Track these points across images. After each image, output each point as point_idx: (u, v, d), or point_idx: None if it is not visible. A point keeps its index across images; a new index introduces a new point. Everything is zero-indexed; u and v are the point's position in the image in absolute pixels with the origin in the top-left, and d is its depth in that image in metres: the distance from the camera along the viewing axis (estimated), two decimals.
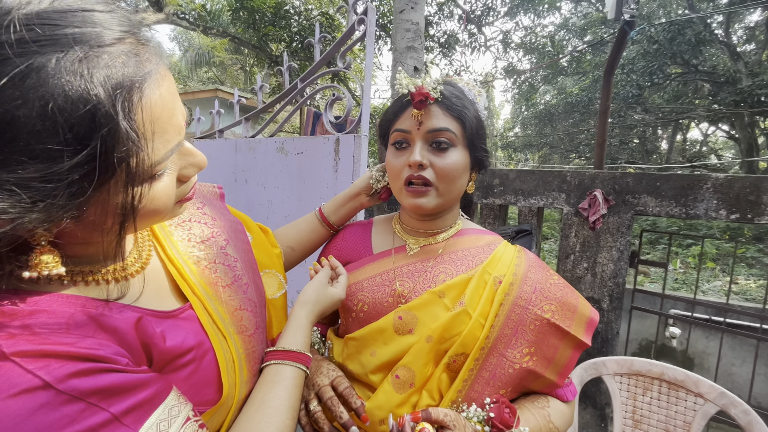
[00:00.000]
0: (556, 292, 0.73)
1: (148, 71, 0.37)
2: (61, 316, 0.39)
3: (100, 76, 0.33)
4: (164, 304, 0.51)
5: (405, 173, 0.72)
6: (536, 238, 2.51)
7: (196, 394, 0.48)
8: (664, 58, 9.00)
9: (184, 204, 0.49)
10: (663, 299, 2.27)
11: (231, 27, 8.62)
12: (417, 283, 0.76)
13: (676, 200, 1.97)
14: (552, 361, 0.71)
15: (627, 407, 1.45)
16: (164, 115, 0.39)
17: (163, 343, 0.46)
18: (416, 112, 0.70)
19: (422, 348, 0.70)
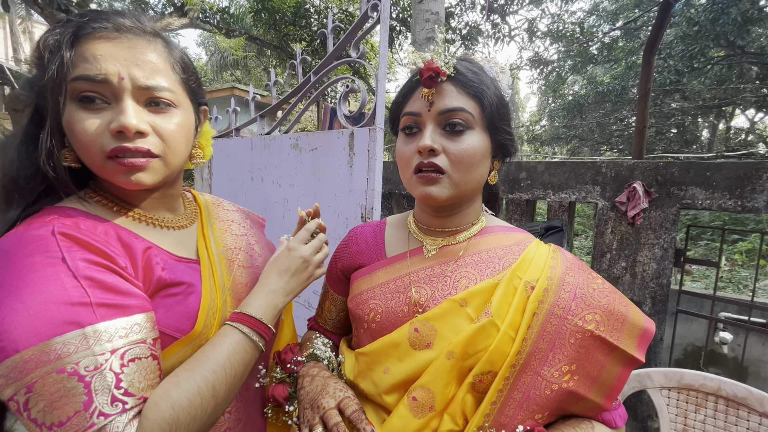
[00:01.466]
0: (601, 299, 0.61)
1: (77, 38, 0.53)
2: (100, 228, 0.54)
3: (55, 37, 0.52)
4: (179, 252, 0.64)
5: (415, 161, 0.64)
6: (567, 235, 2.34)
7: (175, 320, 0.57)
8: (706, 41, 8.37)
9: (122, 172, 0.54)
10: (714, 302, 2.05)
11: (253, 29, 8.74)
12: (435, 290, 0.67)
13: (730, 191, 1.76)
14: (597, 381, 0.60)
15: (677, 425, 1.29)
16: (88, 56, 0.51)
17: (161, 271, 0.57)
18: (426, 91, 0.62)
19: (442, 366, 0.61)
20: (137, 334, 0.49)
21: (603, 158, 11.53)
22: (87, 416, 0.43)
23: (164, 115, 0.56)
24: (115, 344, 0.47)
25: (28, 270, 0.46)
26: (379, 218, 1.18)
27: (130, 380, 0.47)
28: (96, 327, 0.46)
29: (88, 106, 0.51)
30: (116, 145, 0.52)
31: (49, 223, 0.50)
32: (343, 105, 1.62)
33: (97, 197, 0.59)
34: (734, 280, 5.76)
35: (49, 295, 0.45)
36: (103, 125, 0.51)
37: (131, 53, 0.52)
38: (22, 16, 13.14)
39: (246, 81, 13.13)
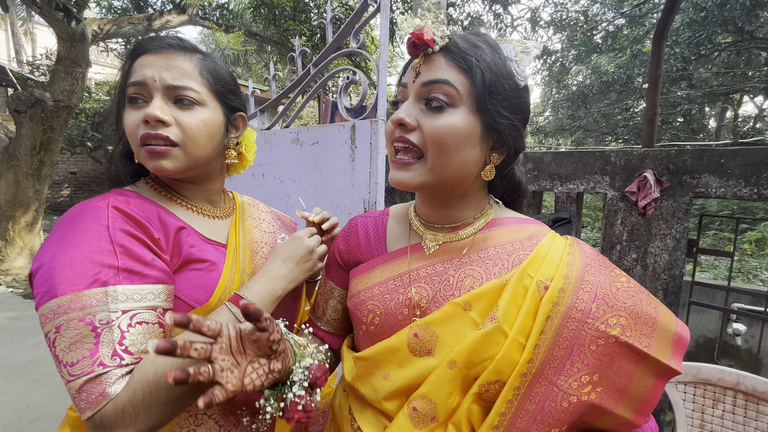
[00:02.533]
0: (626, 300, 0.54)
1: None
2: (145, 205, 0.64)
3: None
4: (211, 235, 0.72)
5: (392, 134, 0.59)
6: (576, 227, 2.29)
7: (194, 291, 0.64)
8: (713, 27, 8.19)
9: (149, 158, 0.64)
10: (728, 293, 2.00)
11: (253, 25, 8.67)
12: (437, 291, 0.61)
13: (746, 179, 1.70)
14: (625, 393, 0.53)
15: (693, 420, 1.25)
16: (137, 67, 0.64)
17: (189, 248, 0.65)
18: (416, 61, 0.57)
19: (444, 375, 0.56)
20: (150, 302, 0.56)
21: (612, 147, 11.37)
22: (90, 363, 0.50)
23: (188, 111, 0.65)
24: (128, 306, 0.54)
25: (80, 231, 0.55)
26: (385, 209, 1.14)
27: (133, 340, 0.53)
28: (116, 288, 0.54)
29: (134, 105, 0.63)
30: (144, 132, 0.62)
31: (106, 198, 0.60)
32: (344, 97, 1.58)
33: (152, 183, 0.71)
34: (743, 269, 5.68)
35: (88, 253, 0.54)
36: (140, 117, 0.62)
37: (165, 61, 0.64)
38: (23, 17, 13.15)
39: (247, 77, 13.08)
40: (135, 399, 0.50)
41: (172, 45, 0.66)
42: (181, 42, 0.67)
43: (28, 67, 7.46)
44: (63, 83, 4.75)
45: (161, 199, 0.69)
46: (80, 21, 4.44)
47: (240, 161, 0.82)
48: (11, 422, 2.25)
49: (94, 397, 0.49)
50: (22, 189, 5.00)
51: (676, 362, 0.54)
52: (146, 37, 0.71)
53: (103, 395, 0.49)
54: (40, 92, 4.65)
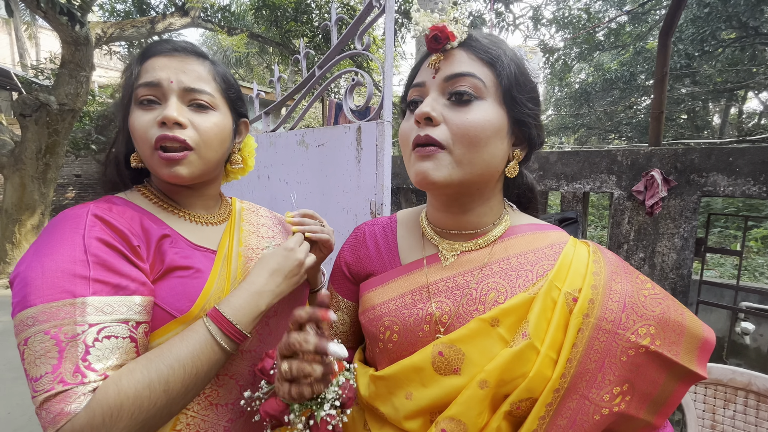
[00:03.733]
0: (654, 308, 0.53)
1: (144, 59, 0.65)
2: (129, 213, 0.62)
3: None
4: (200, 242, 0.69)
5: (413, 135, 0.55)
6: (582, 226, 2.28)
7: (175, 299, 0.60)
8: (717, 23, 8.12)
9: (164, 165, 0.62)
10: (737, 291, 1.98)
11: (255, 26, 8.68)
12: (459, 306, 0.58)
13: (755, 177, 1.69)
14: (650, 400, 0.53)
15: (704, 421, 1.24)
16: (149, 69, 0.63)
17: (172, 255, 0.63)
18: (434, 57, 0.55)
19: (475, 396, 0.53)
20: (122, 314, 0.53)
21: (618, 146, 11.32)
22: (51, 379, 0.48)
23: (203, 115, 0.64)
24: (97, 319, 0.51)
25: (56, 240, 0.54)
26: (389, 214, 1.14)
27: (98, 355, 0.51)
28: (86, 299, 0.51)
29: (145, 107, 0.62)
30: (159, 133, 0.60)
31: (88, 206, 0.59)
32: (349, 99, 1.58)
33: (144, 191, 0.69)
34: (750, 267, 5.64)
35: (61, 263, 0.52)
36: (153, 119, 0.61)
37: (180, 64, 0.63)
38: (27, 21, 13.24)
39: (249, 79, 13.11)
40: (94, 422, 0.47)
41: (186, 49, 0.65)
42: (193, 47, 0.67)
43: (32, 71, 7.51)
44: (67, 87, 4.77)
45: (151, 206, 0.67)
46: (84, 25, 4.46)
47: (243, 166, 0.82)
48: (21, 425, 2.26)
49: (53, 416, 0.47)
50: (27, 192, 5.03)
51: (702, 368, 0.53)
52: (156, 40, 0.69)
53: (62, 414, 0.47)
54: (44, 96, 4.67)
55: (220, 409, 0.65)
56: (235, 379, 0.67)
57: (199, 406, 0.63)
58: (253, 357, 0.70)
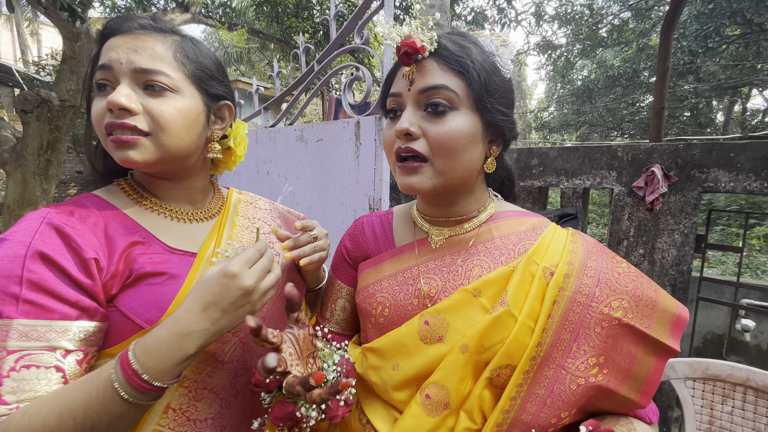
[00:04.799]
0: (627, 284, 0.57)
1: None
2: (92, 219, 0.57)
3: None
4: (179, 244, 0.63)
5: (395, 146, 0.59)
6: (582, 222, 2.27)
7: (144, 309, 0.55)
8: (722, 19, 8.05)
9: (116, 148, 0.56)
10: (737, 288, 1.97)
11: (255, 22, 8.66)
12: (446, 281, 0.62)
13: (756, 173, 1.68)
14: (630, 375, 0.56)
15: (702, 417, 1.24)
16: (105, 51, 0.57)
17: (142, 264, 0.57)
18: (407, 69, 0.57)
19: (457, 360, 0.57)
20: (49, 341, 0.48)
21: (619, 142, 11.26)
22: None
23: (160, 99, 0.57)
24: (18, 345, 0.46)
25: (3, 249, 0.50)
26: (387, 209, 1.14)
27: (13, 387, 0.46)
28: (11, 321, 0.47)
29: (101, 92, 0.57)
30: (108, 121, 0.55)
31: (47, 210, 0.54)
32: (348, 94, 1.58)
33: (124, 185, 0.64)
34: (752, 265, 5.62)
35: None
36: (105, 105, 0.55)
37: (134, 43, 0.56)
38: (29, 18, 13.23)
39: (250, 75, 13.09)
40: None
41: (144, 26, 0.58)
42: (154, 22, 0.59)
43: (33, 68, 7.51)
44: (69, 83, 4.78)
45: (127, 203, 0.62)
46: (84, 20, 4.46)
47: (228, 156, 0.73)
48: None
49: None
50: (29, 188, 5.05)
51: (675, 342, 0.57)
52: (117, 17, 0.60)
53: None
54: (46, 92, 4.68)
55: (199, 424, 0.60)
56: (215, 393, 0.62)
57: (174, 423, 0.58)
58: (235, 368, 0.64)
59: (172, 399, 0.58)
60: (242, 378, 0.65)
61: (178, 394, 0.58)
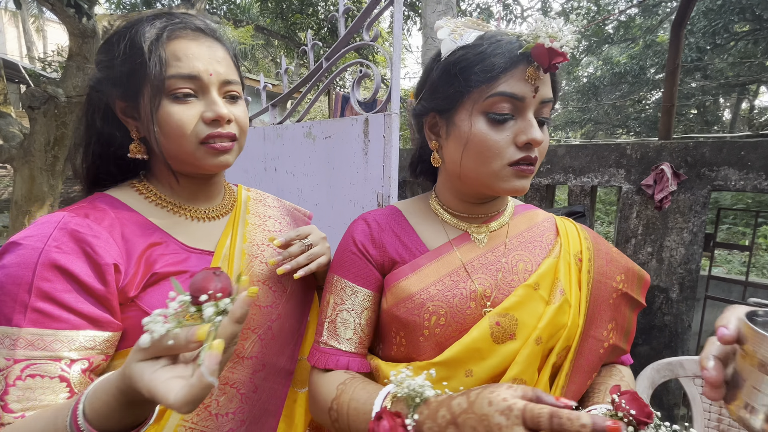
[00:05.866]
0: (621, 260, 0.71)
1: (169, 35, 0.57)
2: (107, 221, 0.56)
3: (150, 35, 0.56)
4: (196, 243, 0.63)
5: (511, 152, 0.57)
6: (590, 220, 2.26)
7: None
8: (731, 15, 7.96)
9: (213, 155, 0.59)
10: (745, 287, 1.97)
11: (260, 19, 8.66)
12: (497, 279, 0.64)
13: (767, 171, 1.66)
14: (623, 330, 0.71)
15: (710, 414, 1.24)
16: (180, 56, 0.56)
17: (164, 262, 0.58)
18: (531, 72, 0.55)
19: (532, 353, 0.60)
20: (55, 351, 0.48)
21: (627, 140, 11.18)
22: None
23: (237, 105, 0.62)
24: (24, 354, 0.46)
25: (13, 253, 0.50)
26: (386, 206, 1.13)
27: (19, 395, 0.46)
28: (19, 331, 0.47)
29: (182, 101, 0.56)
30: (210, 131, 0.58)
31: (62, 214, 0.54)
32: (357, 91, 1.58)
33: (140, 187, 0.63)
34: (758, 264, 5.57)
35: (8, 282, 0.48)
36: (196, 114, 0.57)
37: (211, 53, 0.58)
38: (34, 14, 13.29)
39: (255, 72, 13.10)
40: None
41: (205, 31, 0.59)
42: (211, 28, 0.60)
43: (40, 64, 7.55)
44: (75, 79, 4.80)
45: (144, 205, 0.62)
46: (91, 17, 4.47)
47: None
48: None
49: None
50: (37, 184, 5.09)
51: (643, 299, 0.73)
52: (163, 14, 0.59)
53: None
54: (53, 89, 4.71)
55: (221, 418, 0.61)
56: (236, 388, 0.63)
57: (198, 417, 0.59)
58: (254, 364, 0.65)
59: None
60: (260, 373, 0.66)
61: None
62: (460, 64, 0.57)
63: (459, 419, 0.45)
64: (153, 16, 0.58)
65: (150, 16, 0.57)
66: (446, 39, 0.59)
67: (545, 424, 0.39)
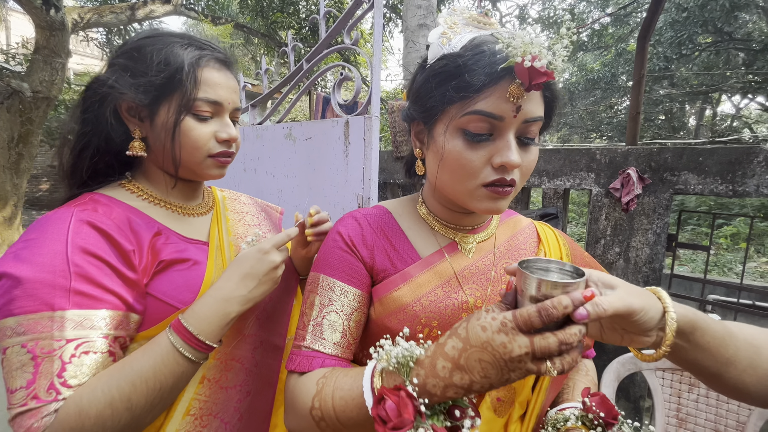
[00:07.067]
0: (590, 262, 0.74)
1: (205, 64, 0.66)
2: (115, 213, 0.61)
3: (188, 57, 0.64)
4: (191, 235, 0.70)
5: (487, 174, 0.53)
6: (562, 221, 2.36)
7: (178, 291, 0.62)
8: (694, 27, 8.40)
9: (218, 167, 0.69)
10: (704, 285, 2.09)
11: (239, 16, 8.50)
12: (485, 289, 0.63)
13: (722, 176, 1.78)
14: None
15: (670, 404, 1.32)
16: (209, 83, 0.65)
17: (168, 252, 0.63)
18: (515, 90, 0.49)
19: None
20: (101, 329, 0.53)
21: (597, 145, 11.60)
22: (25, 395, 0.48)
23: (236, 127, 0.71)
24: (75, 334, 0.51)
25: (37, 246, 0.52)
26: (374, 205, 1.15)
27: (74, 372, 0.50)
28: (65, 313, 0.50)
29: (202, 120, 0.65)
30: (221, 149, 0.68)
31: (71, 209, 0.58)
32: (338, 93, 1.59)
33: (130, 186, 0.68)
34: (719, 263, 5.90)
35: (40, 272, 0.51)
36: (210, 132, 0.66)
37: (231, 84, 0.68)
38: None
39: None
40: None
41: (229, 64, 0.70)
42: (229, 60, 0.71)
43: (2, 56, 7.17)
44: (42, 73, 4.59)
45: (137, 202, 0.67)
46: (59, 9, 4.30)
47: None
48: None
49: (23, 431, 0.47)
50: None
51: None
52: (200, 43, 0.67)
53: (31, 431, 0.47)
54: (17, 83, 4.49)
55: (229, 391, 0.68)
56: (241, 363, 0.71)
57: (210, 390, 0.65)
58: (254, 341, 0.73)
59: (207, 371, 0.65)
60: (259, 350, 0.74)
61: (212, 365, 0.66)
62: (439, 77, 0.54)
63: (461, 360, 0.43)
64: (181, 38, 0.66)
65: (177, 38, 0.65)
66: (434, 43, 0.55)
67: (537, 321, 0.40)
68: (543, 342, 0.39)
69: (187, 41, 0.65)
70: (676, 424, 1.31)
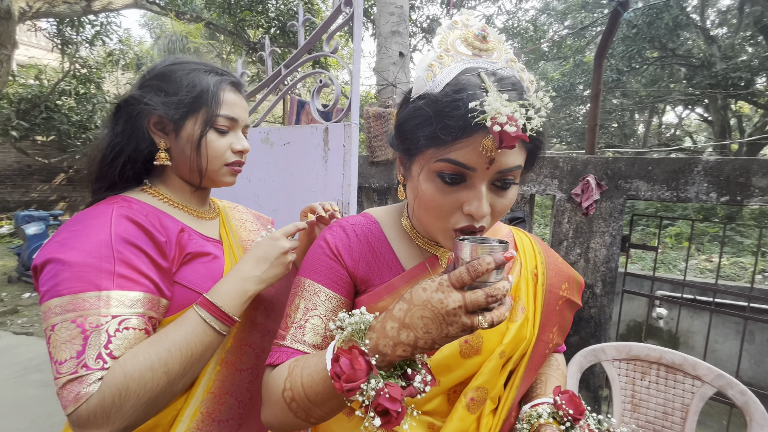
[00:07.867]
0: (565, 269, 0.78)
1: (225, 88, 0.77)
2: (147, 209, 0.69)
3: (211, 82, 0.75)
4: (207, 233, 0.80)
5: (457, 219, 0.54)
6: (529, 224, 2.50)
7: (202, 280, 0.71)
8: (643, 43, 9.09)
9: (231, 175, 0.79)
10: (653, 282, 2.30)
11: (205, 12, 8.22)
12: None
13: (668, 184, 1.98)
14: (563, 329, 0.79)
15: (626, 392, 1.46)
16: (228, 103, 0.76)
17: (192, 246, 0.73)
18: (489, 144, 0.48)
19: (497, 365, 0.66)
20: (139, 308, 0.60)
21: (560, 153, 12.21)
22: (75, 363, 0.54)
23: (246, 140, 0.82)
24: (118, 311, 0.58)
25: (83, 235, 0.60)
26: (355, 213, 1.19)
27: (117, 344, 0.57)
28: (109, 293, 0.57)
29: (222, 133, 0.76)
30: (236, 159, 0.78)
31: (111, 204, 0.66)
32: (316, 99, 1.61)
33: (152, 191, 0.76)
34: (666, 261, 6.42)
35: (88, 258, 0.58)
36: (227, 144, 0.76)
37: (244, 104, 0.80)
38: None
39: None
40: (105, 402, 0.53)
41: (239, 87, 0.80)
42: (241, 84, 0.82)
43: None
44: None
45: (161, 205, 0.76)
46: None
47: None
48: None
49: (73, 396, 0.53)
50: None
51: (580, 301, 0.82)
52: (223, 71, 0.78)
53: (80, 396, 0.53)
54: None
55: (243, 373, 0.77)
56: (252, 348, 0.80)
57: (227, 371, 0.75)
58: (263, 329, 0.83)
59: (226, 354, 0.75)
60: (267, 337, 0.83)
61: (229, 349, 0.76)
62: (417, 119, 0.53)
63: (406, 319, 0.47)
64: (204, 65, 0.77)
65: (200, 65, 0.76)
66: (420, 76, 0.53)
67: (467, 277, 0.45)
68: (473, 296, 0.45)
69: (210, 68, 0.76)
70: (631, 409, 1.44)
